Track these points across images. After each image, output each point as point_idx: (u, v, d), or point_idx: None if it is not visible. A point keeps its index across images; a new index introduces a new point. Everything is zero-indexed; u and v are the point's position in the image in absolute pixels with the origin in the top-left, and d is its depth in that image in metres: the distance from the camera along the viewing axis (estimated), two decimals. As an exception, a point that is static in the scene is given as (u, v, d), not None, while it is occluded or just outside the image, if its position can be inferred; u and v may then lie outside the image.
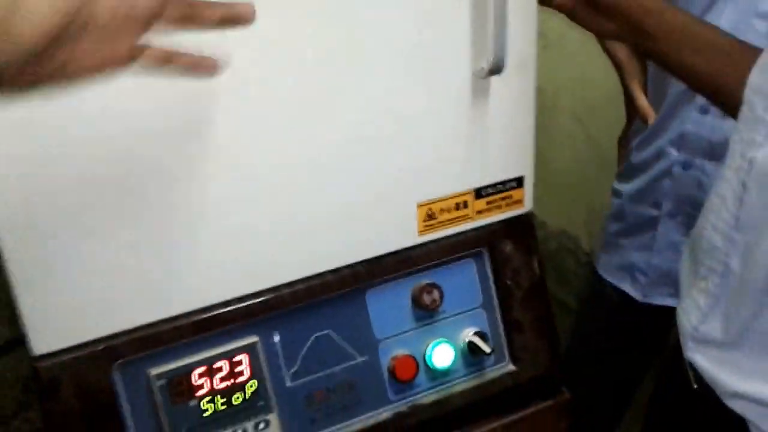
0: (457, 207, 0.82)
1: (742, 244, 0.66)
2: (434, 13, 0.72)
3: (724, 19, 1.03)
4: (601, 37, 0.97)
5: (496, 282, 0.86)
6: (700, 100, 1.09)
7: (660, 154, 1.19)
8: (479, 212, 0.83)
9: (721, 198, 0.69)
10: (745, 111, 0.68)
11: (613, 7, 0.84)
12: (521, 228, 0.87)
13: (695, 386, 0.74)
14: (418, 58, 0.73)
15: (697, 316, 0.72)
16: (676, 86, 1.13)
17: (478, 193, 0.82)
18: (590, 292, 1.39)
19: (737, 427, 0.68)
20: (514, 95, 0.80)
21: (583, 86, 1.85)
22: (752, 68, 0.68)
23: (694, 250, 0.75)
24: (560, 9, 0.91)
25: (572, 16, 0.89)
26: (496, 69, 0.74)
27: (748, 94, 0.67)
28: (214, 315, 0.73)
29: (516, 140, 0.83)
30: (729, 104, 0.73)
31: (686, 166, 1.16)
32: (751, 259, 0.64)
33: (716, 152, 1.12)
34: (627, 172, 1.27)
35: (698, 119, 1.13)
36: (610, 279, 1.30)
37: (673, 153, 1.17)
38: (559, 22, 0.96)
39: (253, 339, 0.75)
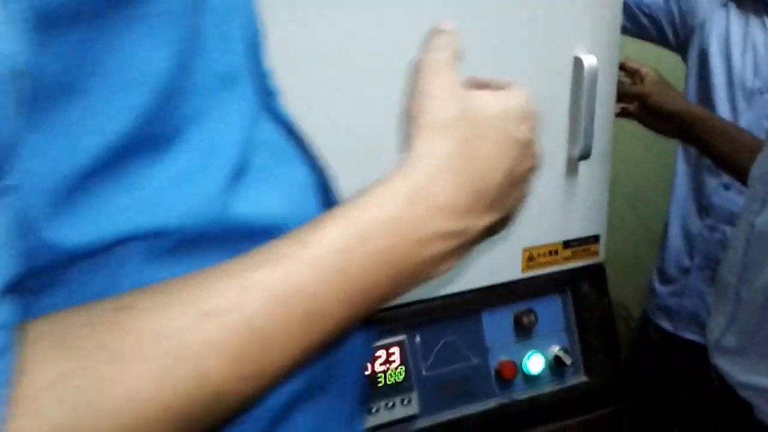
0: (550, 253, 1.11)
1: (747, 280, 0.95)
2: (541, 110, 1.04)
3: (743, 119, 1.34)
4: (662, 135, 1.30)
5: (576, 312, 1.15)
6: (725, 178, 1.39)
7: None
8: (566, 258, 1.13)
9: (734, 249, 0.98)
10: (749, 189, 0.98)
11: (671, 114, 1.19)
12: (596, 274, 1.16)
13: (716, 383, 1.01)
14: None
15: (719, 332, 1.00)
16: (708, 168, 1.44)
17: (566, 244, 1.12)
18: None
19: (745, 411, 0.95)
20: (595, 176, 1.10)
21: (636, 176, 2.15)
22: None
23: (717, 287, 1.04)
24: (630, 116, 1.26)
25: (640, 120, 1.24)
26: (585, 155, 1.05)
27: (751, 179, 0.97)
28: (378, 316, 1.02)
29: (595, 209, 1.13)
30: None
31: (712, 229, 1.45)
32: (753, 289, 0.93)
33: (735, 220, 1.42)
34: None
35: (723, 194, 1.43)
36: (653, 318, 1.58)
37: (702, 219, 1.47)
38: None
39: (402, 337, 1.04)
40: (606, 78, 1.05)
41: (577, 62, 1.02)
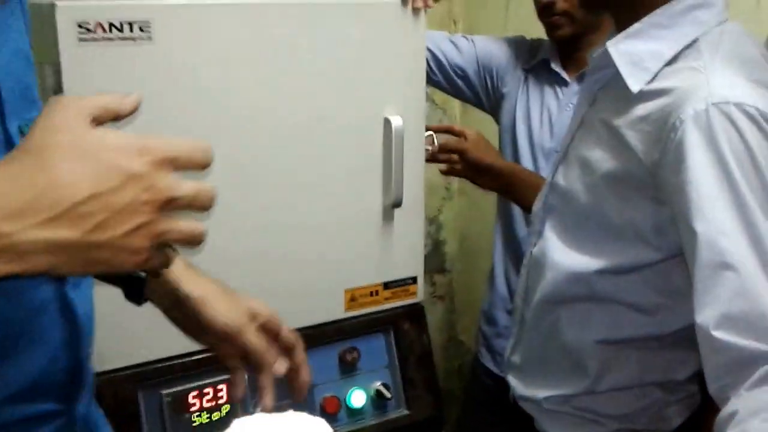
0: (371, 294, 1.21)
1: (528, 302, 1.09)
2: (357, 164, 1.15)
3: (543, 174, 1.51)
4: (483, 188, 1.45)
5: (397, 349, 1.24)
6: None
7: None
8: (387, 299, 1.23)
9: (521, 277, 1.13)
10: (530, 226, 1.15)
11: (487, 168, 1.35)
12: (416, 313, 1.27)
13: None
14: (349, 190, 1.14)
15: (509, 351, 1.14)
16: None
17: (386, 285, 1.22)
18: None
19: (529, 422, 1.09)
20: (410, 223, 1.21)
21: (479, 230, 2.31)
22: None
23: (512, 313, 1.19)
24: (450, 172, 1.41)
25: (464, 176, 1.39)
26: (397, 204, 1.16)
27: (531, 216, 1.16)
28: (208, 356, 1.08)
29: (412, 252, 1.24)
30: None
31: None
32: (531, 309, 1.07)
33: None
34: None
35: None
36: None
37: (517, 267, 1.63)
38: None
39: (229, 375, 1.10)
40: (413, 135, 1.17)
41: (387, 122, 1.14)
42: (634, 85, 0.92)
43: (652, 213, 0.92)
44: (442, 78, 1.62)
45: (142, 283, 0.78)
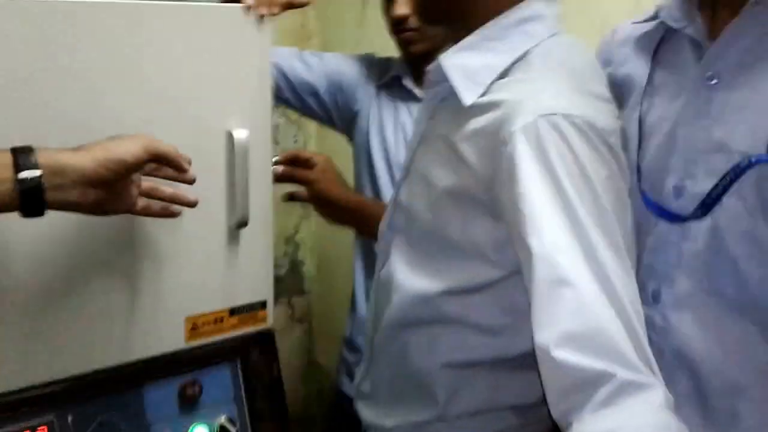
0: (216, 321, 1.12)
1: (377, 328, 1.05)
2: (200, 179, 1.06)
3: None
4: (334, 222, 1.40)
5: (245, 380, 1.15)
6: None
7: None
8: (233, 326, 1.14)
9: (369, 304, 1.10)
10: (377, 247, 1.13)
11: (332, 201, 1.31)
12: (265, 340, 1.18)
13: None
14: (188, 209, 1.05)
15: (359, 378, 1.10)
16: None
17: (233, 311, 1.13)
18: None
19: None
20: (257, 243, 1.14)
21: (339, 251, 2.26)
22: None
23: (365, 342, 1.14)
24: (294, 199, 1.35)
25: (313, 206, 1.34)
26: (243, 223, 1.08)
27: (378, 237, 1.12)
28: (23, 397, 0.96)
29: (260, 275, 1.16)
30: None
31: None
32: (380, 334, 1.04)
33: None
34: None
35: None
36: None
37: None
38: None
39: (50, 417, 0.98)
40: (259, 150, 1.10)
41: (229, 136, 1.06)
42: (467, 98, 0.90)
43: (491, 229, 0.90)
44: (291, 96, 1.57)
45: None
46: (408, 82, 1.54)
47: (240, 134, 1.05)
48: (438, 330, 0.97)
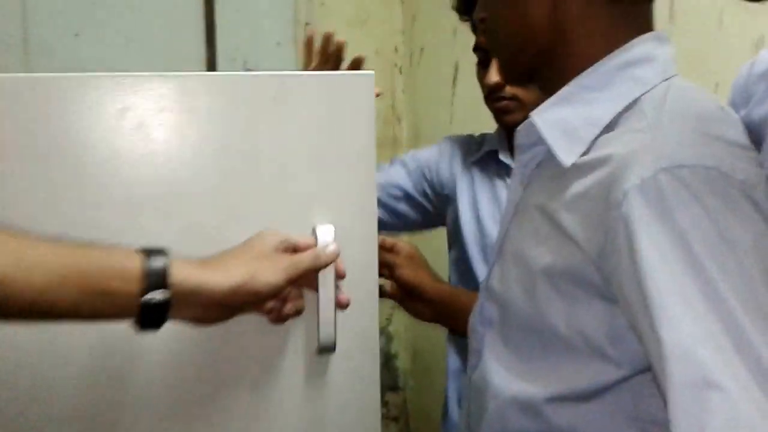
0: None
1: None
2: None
3: None
4: (420, 319, 1.25)
5: None
6: None
7: None
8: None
9: (460, 411, 0.93)
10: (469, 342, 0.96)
11: (415, 288, 1.17)
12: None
13: None
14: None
15: None
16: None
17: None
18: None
19: None
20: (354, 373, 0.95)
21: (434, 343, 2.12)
22: None
23: None
24: (392, 297, 1.22)
25: (400, 303, 1.21)
26: (327, 348, 0.90)
27: (468, 331, 0.95)
28: None
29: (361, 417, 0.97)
30: None
31: None
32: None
33: None
34: None
35: None
36: None
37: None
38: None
39: None
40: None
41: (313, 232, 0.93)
42: (566, 158, 0.76)
43: (605, 317, 0.73)
44: (384, 211, 1.47)
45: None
46: (504, 157, 1.42)
47: (324, 233, 0.89)
48: None
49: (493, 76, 1.33)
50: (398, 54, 2.19)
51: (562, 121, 0.79)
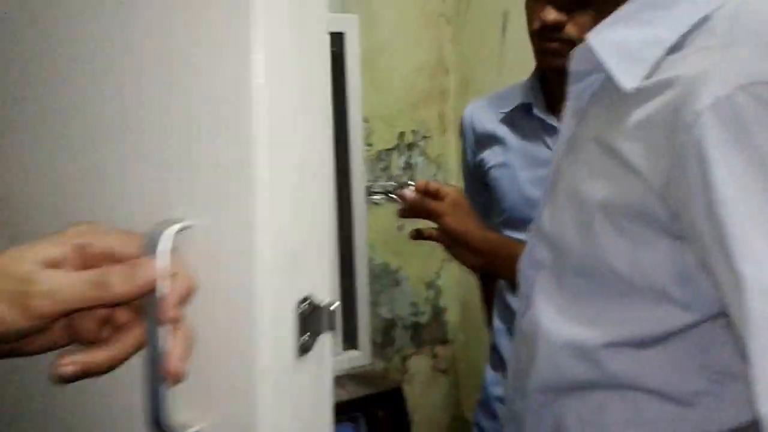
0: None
1: (520, 389, 0.86)
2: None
3: None
4: (468, 267, 1.22)
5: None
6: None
7: None
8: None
9: (510, 360, 0.90)
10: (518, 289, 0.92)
11: (460, 236, 1.14)
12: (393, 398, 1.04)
13: None
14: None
15: None
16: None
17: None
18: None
19: None
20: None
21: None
22: None
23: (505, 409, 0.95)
24: (421, 237, 1.19)
25: (447, 250, 1.18)
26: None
27: (518, 276, 0.91)
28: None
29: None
30: None
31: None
32: (525, 400, 0.84)
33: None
34: None
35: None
36: None
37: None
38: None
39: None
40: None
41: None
42: (628, 81, 0.70)
43: (672, 255, 0.67)
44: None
45: None
46: (539, 111, 1.34)
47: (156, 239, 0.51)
48: (603, 397, 0.75)
49: (552, 12, 1.25)
50: (445, 3, 2.15)
51: (622, 42, 0.73)
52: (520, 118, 1.37)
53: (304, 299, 0.53)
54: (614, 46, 0.73)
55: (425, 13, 2.14)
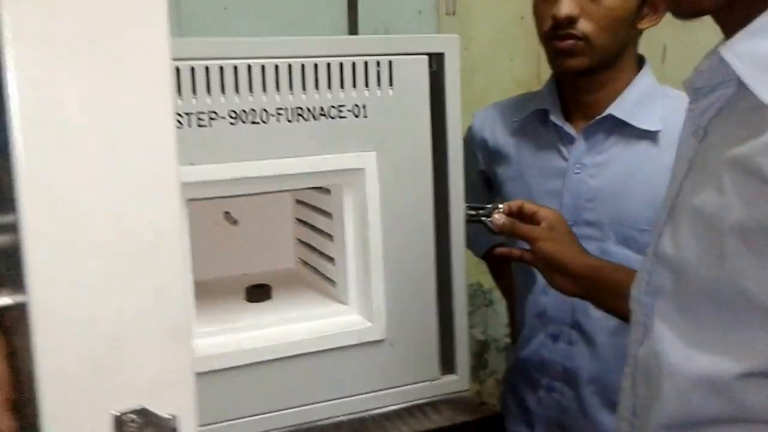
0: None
1: (638, 426, 0.83)
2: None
3: None
4: (563, 293, 1.19)
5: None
6: (551, 328, 1.28)
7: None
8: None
9: (623, 391, 0.86)
10: (631, 316, 0.88)
11: (563, 269, 1.09)
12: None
13: None
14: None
15: None
16: (529, 315, 1.34)
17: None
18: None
19: None
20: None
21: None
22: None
23: None
24: (529, 264, 1.17)
25: (542, 273, 1.15)
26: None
27: (630, 303, 0.88)
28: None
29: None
30: None
31: (549, 389, 1.32)
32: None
33: (571, 377, 1.29)
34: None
35: (550, 346, 1.32)
36: None
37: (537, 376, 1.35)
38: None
39: None
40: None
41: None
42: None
43: None
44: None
45: None
46: (556, 118, 1.29)
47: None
48: None
49: (566, 6, 1.19)
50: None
51: (761, 55, 0.70)
52: (534, 127, 1.34)
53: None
54: (753, 59, 0.70)
55: (523, 28, 2.11)
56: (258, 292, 1.34)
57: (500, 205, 1.19)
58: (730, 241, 0.70)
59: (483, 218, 1.23)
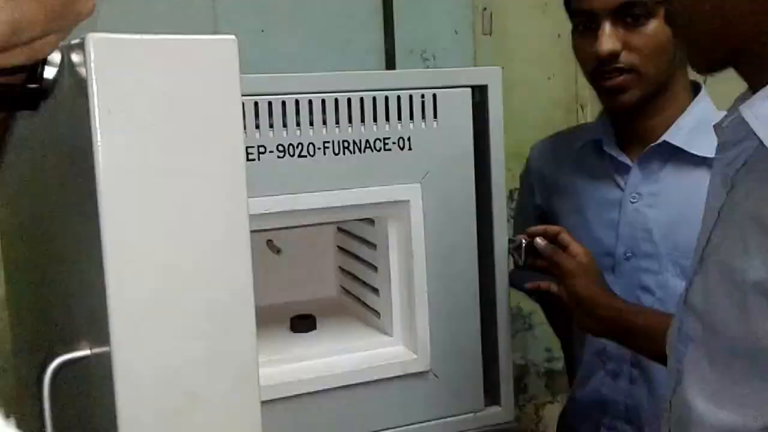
0: None
1: None
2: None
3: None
4: (592, 333, 1.19)
5: None
6: (611, 366, 1.27)
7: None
8: None
9: None
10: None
11: (591, 309, 1.10)
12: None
13: None
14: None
15: None
16: (588, 353, 1.32)
17: None
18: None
19: None
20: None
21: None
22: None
23: None
24: (558, 301, 1.16)
25: (568, 311, 1.14)
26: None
27: (667, 349, 0.89)
28: None
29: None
30: None
31: (610, 428, 1.31)
32: None
33: (633, 416, 1.28)
34: None
35: (611, 384, 1.30)
36: None
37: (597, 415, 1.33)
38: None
39: None
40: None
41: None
42: None
43: None
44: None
45: None
46: (610, 148, 1.28)
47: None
48: None
49: (607, 42, 1.18)
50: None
51: None
52: (589, 157, 1.33)
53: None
54: None
55: (560, 48, 2.10)
56: (303, 323, 1.34)
57: (524, 239, 1.20)
58: (753, 298, 0.70)
59: (511, 251, 1.24)
